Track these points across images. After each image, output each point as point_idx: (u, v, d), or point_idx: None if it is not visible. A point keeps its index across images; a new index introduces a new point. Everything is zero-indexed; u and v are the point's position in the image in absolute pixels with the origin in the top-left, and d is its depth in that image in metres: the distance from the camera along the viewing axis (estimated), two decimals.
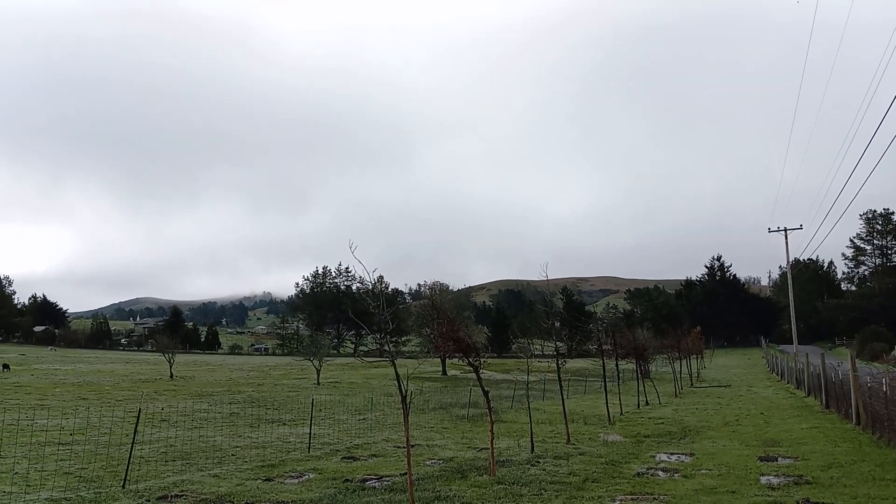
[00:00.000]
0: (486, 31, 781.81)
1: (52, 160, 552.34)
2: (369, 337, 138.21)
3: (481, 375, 12.39)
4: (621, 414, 24.82)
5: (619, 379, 31.13)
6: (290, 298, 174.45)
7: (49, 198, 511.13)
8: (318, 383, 46.28)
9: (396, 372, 9.44)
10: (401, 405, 9.77)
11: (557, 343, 19.61)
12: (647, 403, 29.85)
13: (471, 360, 11.66)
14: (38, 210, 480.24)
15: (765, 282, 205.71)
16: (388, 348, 11.64)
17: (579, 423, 21.52)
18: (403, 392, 9.46)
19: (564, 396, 19.99)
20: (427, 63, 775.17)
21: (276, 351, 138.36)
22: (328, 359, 58.34)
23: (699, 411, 25.86)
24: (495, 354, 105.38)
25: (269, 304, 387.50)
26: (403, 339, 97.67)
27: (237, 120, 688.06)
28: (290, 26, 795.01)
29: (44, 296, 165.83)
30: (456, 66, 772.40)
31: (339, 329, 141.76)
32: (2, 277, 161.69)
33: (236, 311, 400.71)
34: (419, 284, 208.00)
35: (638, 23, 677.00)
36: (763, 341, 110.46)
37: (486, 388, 12.53)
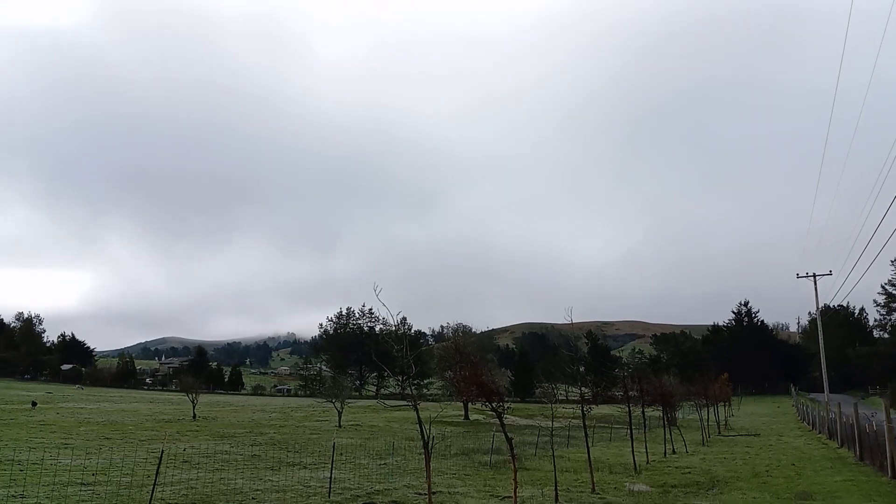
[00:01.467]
0: (519, 79, 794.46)
1: (88, 201, 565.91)
2: (391, 379, 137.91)
3: (504, 421, 12.27)
4: (647, 462, 24.29)
5: (645, 426, 30.57)
6: (314, 339, 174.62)
7: (84, 238, 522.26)
8: (340, 426, 45.99)
9: (419, 416, 9.39)
10: (422, 450, 9.69)
11: (583, 389, 19.36)
12: (673, 452, 29.20)
13: (494, 405, 11.56)
14: (73, 250, 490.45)
15: (794, 328, 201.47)
16: (410, 392, 11.60)
17: (604, 472, 21.09)
18: (426, 437, 9.39)
19: (589, 444, 19.65)
20: (458, 110, 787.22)
21: (299, 392, 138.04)
22: (350, 401, 58.04)
23: (727, 461, 25.21)
24: (518, 399, 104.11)
25: (293, 345, 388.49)
26: (426, 381, 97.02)
27: (269, 163, 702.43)
28: (323, 73, 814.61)
29: (72, 334, 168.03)
30: (488, 114, 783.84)
31: (361, 371, 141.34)
32: (32, 316, 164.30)
33: (260, 352, 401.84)
34: (442, 326, 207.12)
35: (669, 76, 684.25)
36: (793, 389, 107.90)
37: (509, 435, 12.38)
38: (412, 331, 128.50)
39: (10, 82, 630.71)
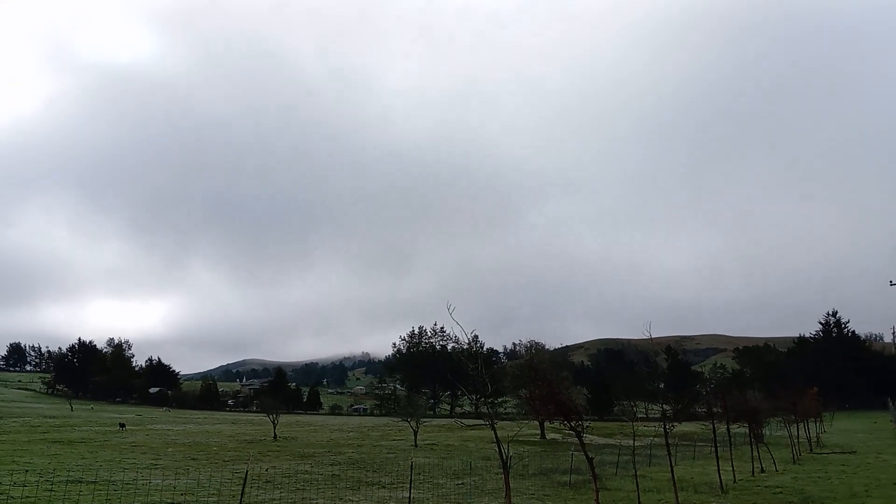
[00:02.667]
0: (593, 91, 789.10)
1: (175, 231, 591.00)
2: (465, 398, 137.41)
3: (584, 440, 12.02)
4: (734, 481, 23.30)
5: (730, 444, 29.35)
6: (387, 359, 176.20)
7: (171, 267, 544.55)
8: (416, 445, 46.11)
9: (496, 436, 9.30)
10: (499, 470, 9.59)
11: (664, 406, 18.79)
12: (762, 470, 27.91)
13: (573, 424, 11.35)
14: (161, 278, 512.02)
15: (888, 338, 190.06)
16: (486, 411, 11.52)
17: (689, 492, 20.35)
18: (504, 457, 9.29)
19: (673, 462, 19.02)
20: (530, 126, 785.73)
21: (375, 411, 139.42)
22: (424, 420, 58.15)
23: (822, 480, 23.91)
24: (595, 417, 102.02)
25: (368, 365, 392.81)
26: (499, 400, 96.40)
27: (345, 188, 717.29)
28: (395, 98, 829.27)
29: (159, 359, 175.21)
30: (561, 128, 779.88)
31: (435, 389, 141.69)
32: (122, 341, 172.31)
33: (336, 372, 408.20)
34: (514, 344, 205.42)
35: (749, 80, 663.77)
36: (890, 403, 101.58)
37: (589, 454, 12.12)
38: (484, 349, 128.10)
39: (98, 121, 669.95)
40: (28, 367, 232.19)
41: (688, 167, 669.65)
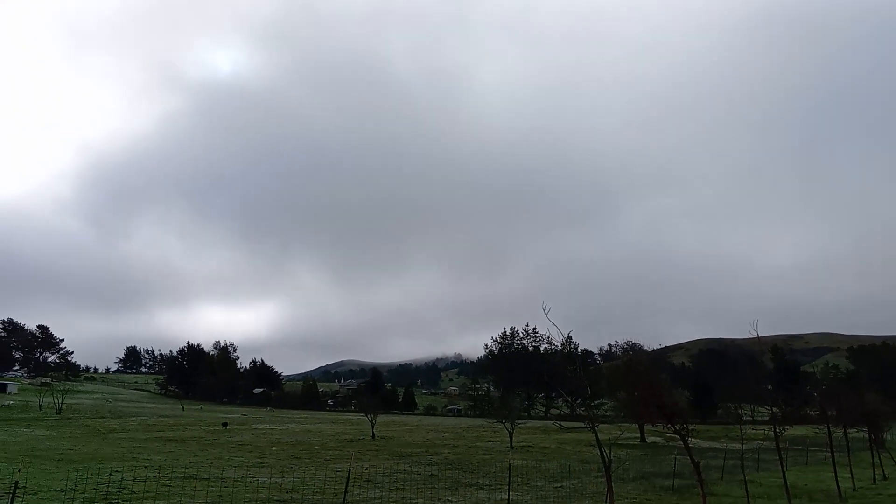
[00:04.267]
0: (694, 83, 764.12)
1: (278, 238, 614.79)
2: (560, 400, 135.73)
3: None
4: (853, 489, 21.86)
5: (848, 449, 27.56)
6: (480, 360, 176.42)
7: (274, 272, 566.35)
8: (512, 447, 45.90)
9: (598, 439, 9.09)
10: (598, 473, 9.37)
11: (773, 409, 17.86)
12: (884, 478, 26.07)
13: (677, 427, 10.94)
14: (264, 283, 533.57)
15: None
16: (587, 413, 11.29)
17: (803, 499, 19.26)
18: (607, 460, 9.06)
19: (784, 467, 18.04)
20: (629, 121, 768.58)
21: (469, 412, 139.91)
22: (519, 422, 57.81)
23: None
24: (698, 420, 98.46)
25: (460, 366, 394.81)
26: (596, 402, 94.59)
27: (441, 189, 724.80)
28: (490, 95, 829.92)
29: (262, 360, 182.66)
30: (661, 122, 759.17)
31: (528, 391, 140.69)
32: (228, 344, 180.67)
33: (430, 373, 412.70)
34: (610, 345, 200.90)
35: (859, 65, 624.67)
36: None
37: (695, 459, 11.65)
38: (579, 350, 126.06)
39: (205, 135, 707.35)
40: (143, 370, 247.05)
41: (795, 156, 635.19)
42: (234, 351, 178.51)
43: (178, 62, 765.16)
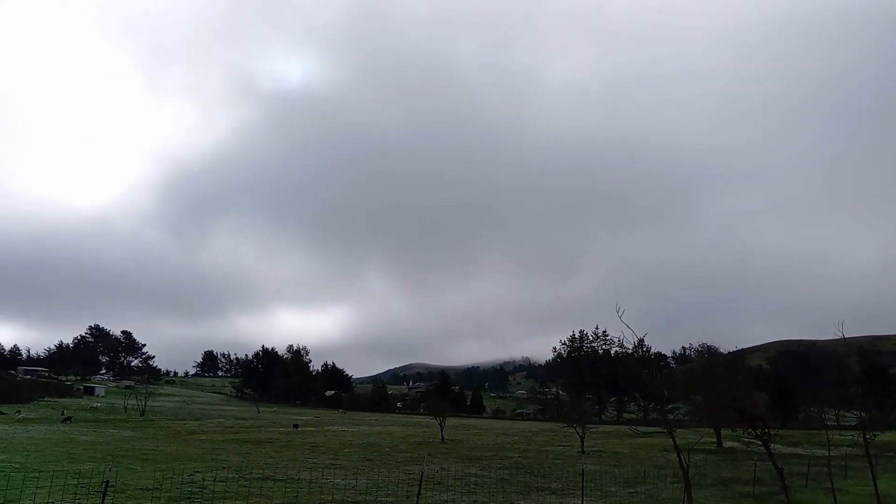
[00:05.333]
0: (774, 78, 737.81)
1: (347, 243, 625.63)
2: (632, 404, 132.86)
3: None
4: None
5: None
6: (548, 363, 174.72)
7: (344, 276, 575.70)
8: (583, 452, 45.22)
9: (675, 443, 8.83)
10: (674, 479, 9.10)
11: (861, 413, 16.99)
12: None
13: (758, 432, 10.52)
14: (335, 287, 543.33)
15: None
16: (663, 418, 10.99)
17: None
18: (685, 465, 8.79)
19: (874, 475, 17.12)
20: (705, 118, 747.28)
21: (538, 416, 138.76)
22: (590, 426, 56.93)
23: None
24: (778, 425, 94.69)
25: (528, 369, 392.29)
26: (669, 406, 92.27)
27: (509, 191, 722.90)
28: (559, 94, 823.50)
29: (333, 363, 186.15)
30: (739, 119, 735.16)
31: (599, 395, 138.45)
32: (300, 347, 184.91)
33: (497, 376, 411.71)
34: (683, 348, 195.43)
35: None
36: None
37: (779, 465, 11.18)
38: (651, 353, 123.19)
39: (277, 145, 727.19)
40: (220, 373, 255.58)
41: (881, 146, 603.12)
42: (307, 354, 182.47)
43: (252, 73, 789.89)
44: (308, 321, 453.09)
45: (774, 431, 11.32)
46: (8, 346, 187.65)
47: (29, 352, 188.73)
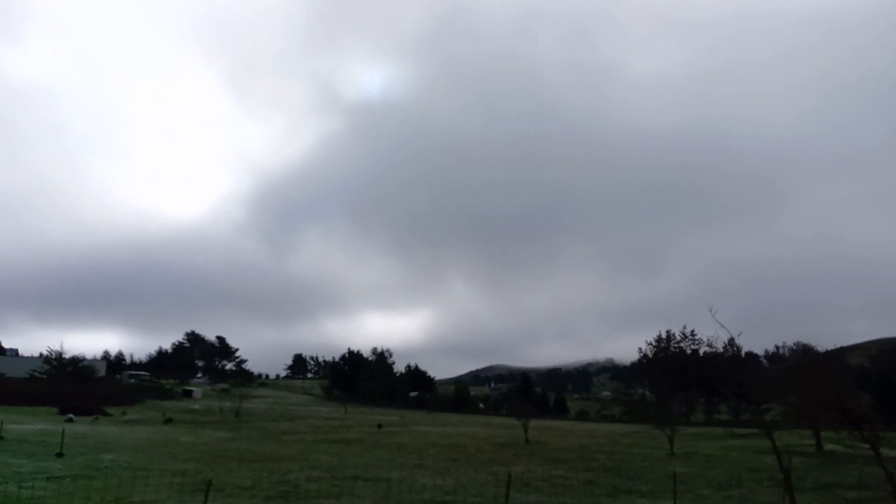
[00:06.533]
0: (872, 58, 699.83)
1: (430, 246, 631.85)
2: (722, 405, 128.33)
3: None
4: None
5: None
6: (633, 364, 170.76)
7: (427, 279, 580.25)
8: (672, 454, 44.06)
9: (774, 445, 8.57)
10: (770, 482, 8.81)
11: None
12: None
13: (865, 434, 10.04)
14: (418, 290, 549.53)
15: None
16: (759, 419, 10.65)
17: None
18: (786, 468, 8.52)
19: None
20: (797, 107, 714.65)
21: (623, 418, 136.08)
22: (679, 428, 55.34)
23: None
24: (883, 427, 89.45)
25: (612, 370, 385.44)
26: (763, 407, 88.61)
27: (589, 188, 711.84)
28: (640, 86, 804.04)
29: (416, 365, 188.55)
30: (835, 101, 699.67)
31: (688, 396, 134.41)
32: (385, 350, 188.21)
33: (580, 377, 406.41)
34: (777, 346, 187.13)
35: None
36: None
37: (889, 469, 10.62)
38: (742, 352, 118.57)
39: (360, 151, 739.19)
40: (309, 375, 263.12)
41: None
42: (391, 356, 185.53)
43: (336, 83, 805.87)
44: (392, 323, 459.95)
45: (882, 434, 10.77)
46: (114, 352, 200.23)
47: (132, 357, 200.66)
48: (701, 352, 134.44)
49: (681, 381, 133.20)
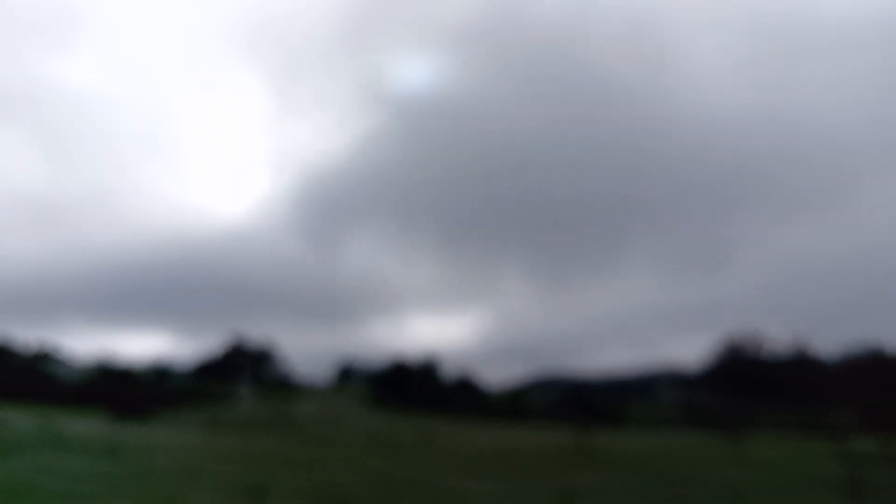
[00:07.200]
0: None
1: (482, 247, 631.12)
2: (789, 410, 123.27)
3: None
4: None
5: None
6: (699, 369, 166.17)
7: (478, 281, 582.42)
8: (737, 460, 42.16)
9: (844, 451, 7.60)
10: (837, 490, 7.85)
11: None
12: None
13: None
14: (473, 292, 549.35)
15: None
16: (831, 422, 9.65)
17: None
18: (854, 475, 7.56)
19: None
20: (873, 84, 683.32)
21: (687, 424, 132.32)
22: (745, 431, 53.15)
23: None
24: None
25: (677, 375, 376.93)
26: (832, 409, 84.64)
27: (650, 180, 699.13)
28: (705, 73, 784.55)
29: (466, 370, 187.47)
30: None
31: (755, 400, 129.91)
32: (434, 354, 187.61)
33: (641, 383, 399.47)
34: (850, 347, 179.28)
35: None
36: None
37: None
38: (813, 354, 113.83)
39: (407, 149, 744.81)
40: (354, 381, 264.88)
41: None
42: (440, 361, 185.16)
43: (381, 78, 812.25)
44: (442, 327, 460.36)
45: None
46: (161, 355, 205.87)
47: (180, 359, 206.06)
48: (769, 355, 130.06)
49: (748, 385, 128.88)
